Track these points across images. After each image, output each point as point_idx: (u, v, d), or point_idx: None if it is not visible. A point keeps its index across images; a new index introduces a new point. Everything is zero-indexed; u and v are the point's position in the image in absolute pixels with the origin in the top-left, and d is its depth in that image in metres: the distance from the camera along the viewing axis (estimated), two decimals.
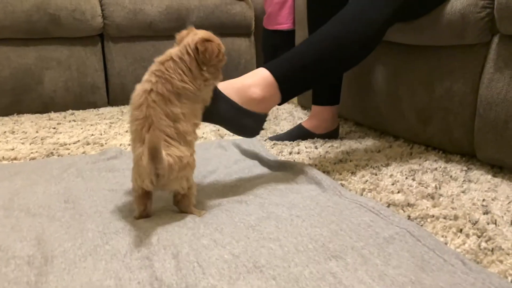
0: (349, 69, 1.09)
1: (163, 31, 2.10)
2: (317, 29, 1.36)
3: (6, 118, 1.79)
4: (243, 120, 0.94)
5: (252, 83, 0.95)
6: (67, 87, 1.96)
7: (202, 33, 0.83)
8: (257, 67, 2.26)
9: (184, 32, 0.86)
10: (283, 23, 2.22)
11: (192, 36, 0.83)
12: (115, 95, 2.08)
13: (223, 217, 0.81)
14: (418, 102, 1.25)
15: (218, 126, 1.60)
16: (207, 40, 0.81)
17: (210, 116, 0.90)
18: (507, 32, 1.00)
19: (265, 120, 1.00)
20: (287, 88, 0.98)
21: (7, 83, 1.86)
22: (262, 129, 0.99)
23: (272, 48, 2.28)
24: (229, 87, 0.93)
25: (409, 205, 0.86)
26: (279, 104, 1.01)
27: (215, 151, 1.27)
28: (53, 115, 1.85)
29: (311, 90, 1.44)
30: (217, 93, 0.90)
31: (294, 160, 1.17)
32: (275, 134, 1.47)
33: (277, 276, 0.62)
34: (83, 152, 1.28)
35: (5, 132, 1.54)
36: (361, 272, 0.63)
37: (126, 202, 0.88)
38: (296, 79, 1.01)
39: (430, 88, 1.21)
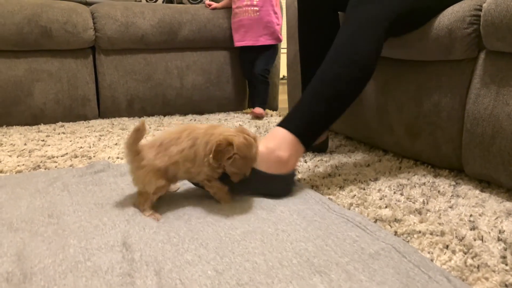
0: (358, 96, 1.10)
1: (155, 44, 2.10)
2: (308, 45, 1.38)
3: None
4: (275, 186, 0.98)
5: (275, 147, 0.98)
6: (58, 99, 1.95)
7: (231, 134, 0.88)
8: (243, 78, 2.26)
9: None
10: (239, 41, 2.23)
11: (218, 134, 0.88)
12: (106, 108, 2.07)
13: (209, 232, 0.80)
14: (407, 117, 1.26)
15: None
16: (228, 144, 0.86)
17: (243, 189, 0.96)
18: (493, 48, 1.01)
19: (294, 176, 1.04)
20: (308, 138, 1.02)
21: None
22: (295, 185, 1.04)
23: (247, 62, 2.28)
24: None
25: (396, 220, 0.86)
26: (304, 152, 1.05)
27: None
28: (42, 127, 1.84)
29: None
30: None
31: None
32: None
33: None
34: (71, 165, 1.27)
35: None
36: None
37: (112, 216, 0.87)
38: (313, 127, 1.04)
39: (419, 102, 1.22)
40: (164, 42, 2.12)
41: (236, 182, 0.92)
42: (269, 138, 1.00)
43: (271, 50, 2.25)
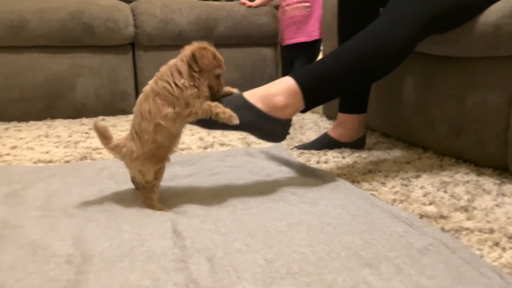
0: (374, 82, 1.10)
1: (191, 41, 2.13)
2: (347, 39, 1.37)
3: (39, 123, 1.85)
4: (270, 127, 0.97)
5: (277, 91, 0.98)
6: (98, 93, 2.01)
7: (198, 43, 0.88)
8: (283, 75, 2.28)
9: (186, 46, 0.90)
10: (291, 38, 2.22)
11: (190, 47, 0.88)
12: None
13: (254, 222, 0.82)
14: (450, 114, 1.24)
15: (244, 134, 1.62)
16: (203, 48, 0.86)
17: (239, 126, 0.92)
18: None
19: (290, 125, 1.02)
20: (311, 97, 1.00)
21: (41, 89, 1.92)
22: (288, 133, 1.03)
23: (290, 61, 2.28)
24: (254, 95, 0.97)
25: (442, 217, 0.85)
26: (302, 112, 1.04)
27: (242, 158, 1.28)
28: (84, 120, 1.90)
29: (337, 99, 1.45)
30: (243, 101, 0.94)
31: (322, 169, 1.17)
32: (301, 144, 1.47)
33: (311, 283, 0.62)
34: (115, 157, 1.31)
35: (39, 136, 1.59)
36: (396, 281, 0.62)
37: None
38: (320, 90, 1.03)
39: (462, 99, 1.20)
40: (200, 39, 2.12)
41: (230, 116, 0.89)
42: (274, 83, 1.00)
43: (317, 46, 2.24)
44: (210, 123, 0.90)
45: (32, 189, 1.00)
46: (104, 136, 0.88)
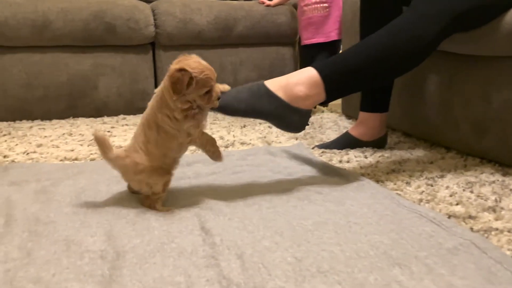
0: (395, 78, 1.10)
1: (211, 40, 2.16)
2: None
3: (62, 121, 1.89)
4: (290, 116, 0.98)
5: (297, 81, 0.98)
6: (120, 92, 2.04)
7: (176, 64, 0.82)
8: None
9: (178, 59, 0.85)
10: (309, 38, 2.22)
11: (170, 68, 0.83)
12: None
13: (281, 221, 0.82)
14: (474, 113, 1.23)
15: (264, 133, 1.62)
16: (180, 70, 0.80)
17: (257, 111, 0.94)
18: None
19: (310, 116, 1.03)
20: (332, 89, 1.01)
21: (64, 88, 1.96)
22: (308, 124, 1.03)
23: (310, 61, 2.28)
24: (275, 84, 0.98)
25: (470, 217, 0.85)
26: (322, 104, 1.05)
27: (263, 157, 1.28)
28: (106, 119, 1.93)
29: (358, 98, 1.44)
30: (264, 90, 0.95)
31: (345, 169, 1.17)
32: (322, 143, 1.47)
33: (342, 281, 0.62)
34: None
35: (63, 134, 1.62)
36: (427, 281, 0.62)
37: (185, 203, 0.91)
38: (341, 82, 1.03)
39: (487, 98, 1.18)
40: (219, 38, 2.17)
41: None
42: (296, 73, 1.01)
43: (336, 46, 2.24)
44: (230, 109, 0.92)
45: (61, 186, 1.02)
46: (104, 146, 0.86)
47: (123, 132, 1.65)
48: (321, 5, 2.15)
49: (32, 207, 0.89)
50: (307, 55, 2.26)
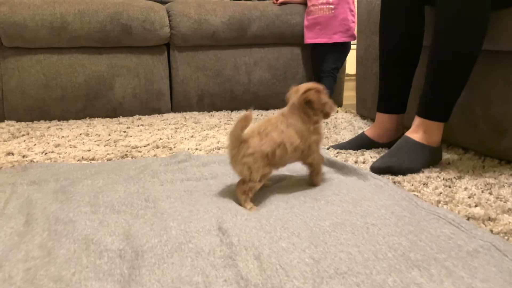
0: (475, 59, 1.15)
1: (225, 41, 2.16)
2: (391, 41, 1.36)
3: (79, 121, 1.91)
4: (425, 155, 1.18)
5: (426, 134, 1.20)
6: (135, 93, 2.06)
7: (311, 86, 0.98)
8: (313, 74, 2.26)
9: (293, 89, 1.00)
10: (313, 38, 2.22)
11: (304, 89, 0.98)
12: (178, 102, 2.16)
13: (298, 222, 0.82)
14: (493, 114, 1.21)
15: None
16: (317, 91, 0.97)
17: (394, 160, 1.14)
18: None
19: (441, 151, 1.25)
20: (449, 116, 1.20)
21: (81, 89, 1.98)
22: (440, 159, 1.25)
23: (319, 60, 2.27)
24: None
25: (490, 219, 0.84)
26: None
27: None
28: (122, 119, 1.95)
29: (373, 99, 1.43)
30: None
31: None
32: (336, 143, 1.47)
33: (361, 283, 0.62)
34: (154, 155, 1.35)
35: (80, 134, 1.64)
36: (448, 283, 0.62)
37: (203, 203, 0.91)
38: (452, 106, 1.19)
39: (506, 98, 1.16)
40: (233, 39, 2.17)
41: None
42: (421, 126, 1.20)
43: (343, 48, 2.23)
44: None
45: (79, 186, 1.03)
46: (245, 126, 0.90)
47: (139, 132, 1.67)
48: (327, 6, 2.16)
49: (51, 207, 0.90)
50: (316, 54, 2.26)
